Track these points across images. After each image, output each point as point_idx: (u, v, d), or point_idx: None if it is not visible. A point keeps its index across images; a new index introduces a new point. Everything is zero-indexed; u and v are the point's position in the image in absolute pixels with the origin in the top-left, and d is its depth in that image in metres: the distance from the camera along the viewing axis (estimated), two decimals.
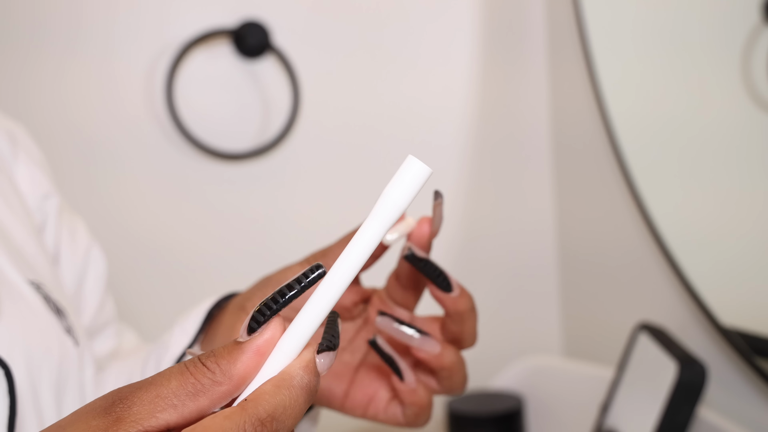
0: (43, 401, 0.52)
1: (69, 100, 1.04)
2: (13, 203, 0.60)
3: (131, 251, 1.06)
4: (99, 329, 0.70)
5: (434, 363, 0.50)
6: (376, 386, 0.54)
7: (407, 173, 0.37)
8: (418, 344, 0.49)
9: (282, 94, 1.09)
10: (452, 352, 0.50)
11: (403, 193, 0.37)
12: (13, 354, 0.50)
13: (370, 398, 0.54)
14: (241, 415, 0.33)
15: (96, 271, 0.69)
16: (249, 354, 0.35)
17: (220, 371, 0.35)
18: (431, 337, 0.50)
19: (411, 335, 0.50)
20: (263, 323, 0.36)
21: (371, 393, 0.54)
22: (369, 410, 0.54)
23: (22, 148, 0.65)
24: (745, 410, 0.83)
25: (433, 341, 0.50)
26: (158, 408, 0.34)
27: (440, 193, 0.46)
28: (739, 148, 0.84)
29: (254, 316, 0.36)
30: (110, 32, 1.04)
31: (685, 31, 0.91)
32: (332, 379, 0.54)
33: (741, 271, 0.84)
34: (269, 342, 0.36)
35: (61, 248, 0.66)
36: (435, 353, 0.50)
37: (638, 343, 0.85)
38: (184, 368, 0.35)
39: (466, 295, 0.50)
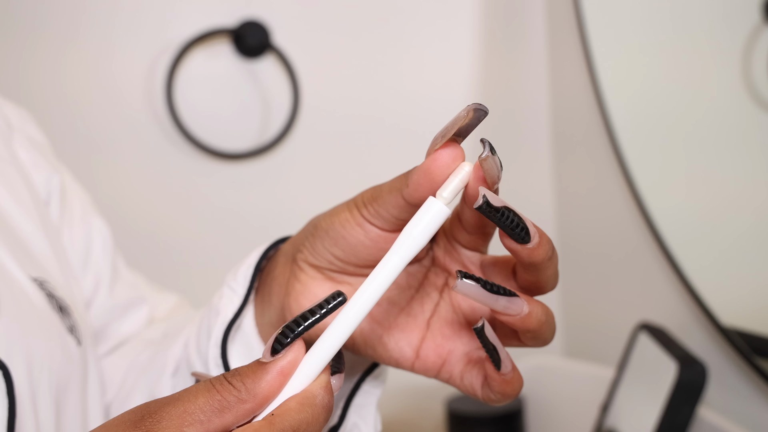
0: (41, 403, 0.51)
1: (69, 99, 1.04)
2: (21, 194, 0.59)
3: (131, 251, 1.05)
4: (128, 304, 0.68)
5: (519, 325, 0.44)
6: (451, 345, 0.49)
7: (427, 213, 0.40)
8: (503, 308, 0.43)
9: (282, 94, 1.09)
10: (539, 310, 0.44)
11: (423, 231, 0.40)
12: (13, 355, 0.49)
13: (444, 360, 0.49)
14: (269, 428, 0.36)
15: (100, 241, 0.67)
16: (273, 374, 0.37)
17: (245, 389, 0.37)
18: (518, 297, 0.43)
19: (501, 303, 0.43)
20: (286, 345, 0.38)
21: (444, 354, 0.49)
22: (442, 373, 0.49)
23: (19, 132, 0.64)
24: (745, 410, 0.83)
25: (520, 301, 0.43)
26: (185, 423, 0.35)
27: (488, 144, 0.39)
28: (739, 147, 0.84)
29: (278, 338, 0.38)
30: (110, 31, 1.04)
31: (685, 30, 0.91)
32: (401, 335, 0.49)
33: (741, 270, 0.84)
34: (292, 364, 0.38)
35: (63, 227, 0.65)
36: (522, 314, 0.43)
37: (638, 343, 0.85)
38: (211, 386, 0.37)
39: (545, 242, 0.42)
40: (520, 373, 0.46)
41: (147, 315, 0.70)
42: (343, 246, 0.46)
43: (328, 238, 0.47)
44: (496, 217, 0.40)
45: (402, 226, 0.44)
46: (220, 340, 0.51)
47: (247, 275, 0.52)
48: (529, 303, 0.43)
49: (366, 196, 0.45)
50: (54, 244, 0.61)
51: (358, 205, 0.46)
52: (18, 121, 0.66)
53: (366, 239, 0.46)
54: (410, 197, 0.42)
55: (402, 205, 0.43)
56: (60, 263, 0.60)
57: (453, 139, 0.40)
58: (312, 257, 0.48)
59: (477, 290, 0.42)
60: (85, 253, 0.66)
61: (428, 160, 0.41)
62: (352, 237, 0.46)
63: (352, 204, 0.46)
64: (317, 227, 0.48)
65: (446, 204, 0.40)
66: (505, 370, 0.44)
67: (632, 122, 0.98)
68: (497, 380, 0.45)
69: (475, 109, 0.38)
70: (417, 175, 0.41)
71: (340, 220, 0.46)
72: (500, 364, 0.44)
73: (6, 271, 0.53)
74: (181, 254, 1.09)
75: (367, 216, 0.45)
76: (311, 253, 0.48)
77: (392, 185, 0.43)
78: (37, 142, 0.66)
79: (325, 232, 0.47)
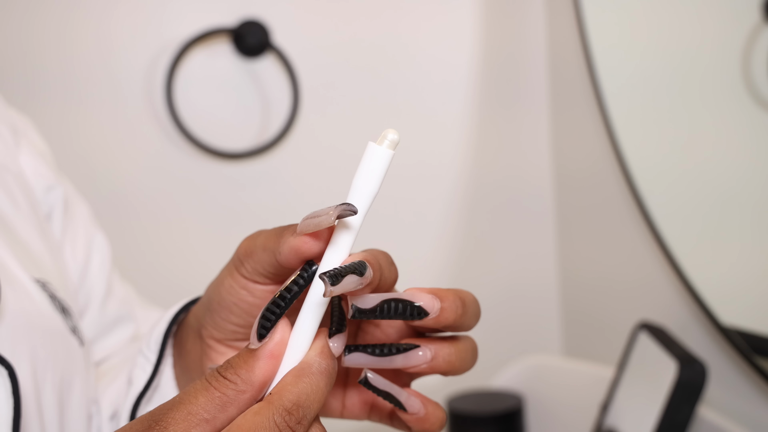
0: (45, 402, 0.51)
1: (68, 99, 1.03)
2: (18, 200, 0.60)
3: (130, 250, 1.06)
4: (116, 321, 0.69)
5: (429, 371, 0.44)
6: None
7: (371, 159, 0.39)
8: (403, 365, 0.43)
9: (282, 94, 1.09)
10: (444, 351, 0.43)
11: (373, 180, 0.39)
12: (17, 354, 0.49)
13: (370, 405, 0.50)
14: (269, 408, 0.36)
15: (99, 257, 0.68)
16: (264, 359, 0.38)
17: (241, 380, 0.37)
18: (416, 347, 0.43)
19: (398, 362, 0.42)
20: (270, 328, 0.38)
21: (371, 400, 0.50)
22: (372, 417, 0.50)
23: (24, 139, 0.64)
24: (745, 410, 0.83)
25: (420, 350, 0.43)
26: (192, 424, 0.36)
27: (326, 280, 0.37)
28: (738, 146, 0.84)
29: (261, 323, 0.38)
30: (110, 31, 1.04)
31: (684, 30, 0.91)
32: None
33: (741, 270, 0.84)
34: (280, 344, 0.38)
35: (66, 241, 0.65)
36: (426, 362, 0.43)
37: (638, 342, 0.85)
38: (207, 384, 0.37)
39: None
40: (437, 406, 0.45)
41: (132, 332, 0.70)
42: (238, 312, 0.47)
43: (221, 309, 0.47)
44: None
45: (282, 278, 0.44)
46: (129, 415, 0.52)
47: (158, 342, 0.52)
48: (434, 346, 0.43)
49: (241, 251, 0.45)
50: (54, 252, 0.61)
51: (236, 265, 0.46)
52: (22, 128, 0.66)
53: (256, 299, 0.46)
54: (283, 263, 0.42)
55: (276, 264, 0.43)
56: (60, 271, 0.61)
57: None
58: (216, 332, 0.48)
59: (366, 359, 0.42)
60: (84, 267, 0.67)
61: (298, 240, 0.40)
62: (242, 301, 0.46)
63: (231, 267, 0.46)
64: (211, 300, 0.48)
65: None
66: (413, 410, 0.44)
67: (633, 124, 0.98)
68: (412, 420, 0.45)
69: (343, 209, 0.38)
70: (287, 251, 0.41)
71: (225, 288, 0.46)
72: (403, 406, 0.44)
73: (9, 272, 0.53)
74: (180, 254, 1.09)
75: (246, 275, 0.45)
76: (214, 328, 0.48)
77: (266, 244, 0.43)
78: (40, 150, 0.66)
79: (218, 304, 0.47)
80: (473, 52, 1.15)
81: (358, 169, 0.39)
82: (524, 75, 1.17)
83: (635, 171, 0.96)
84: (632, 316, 0.97)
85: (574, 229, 1.16)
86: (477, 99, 1.16)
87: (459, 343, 0.44)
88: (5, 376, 0.46)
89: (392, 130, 0.39)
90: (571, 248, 1.17)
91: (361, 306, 0.40)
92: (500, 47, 1.16)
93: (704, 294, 0.86)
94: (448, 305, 0.41)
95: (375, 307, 0.40)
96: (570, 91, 1.12)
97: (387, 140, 0.39)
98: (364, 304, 0.40)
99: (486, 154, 1.18)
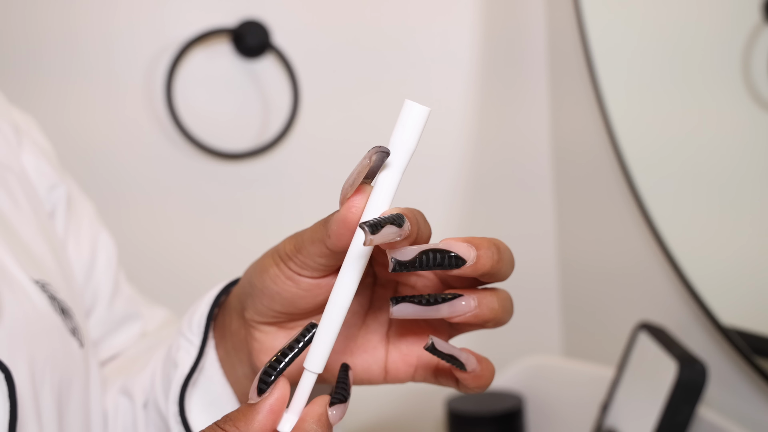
0: (44, 404, 0.51)
1: (69, 99, 1.04)
2: (20, 199, 0.59)
3: (130, 251, 1.05)
4: (124, 318, 0.69)
5: (474, 321, 0.44)
6: (417, 350, 0.49)
7: (408, 116, 0.40)
8: (449, 314, 0.43)
9: (282, 94, 1.09)
10: (488, 299, 0.44)
11: (410, 136, 0.39)
12: (15, 357, 0.49)
13: (414, 366, 0.49)
14: None
15: (105, 255, 0.68)
16: (264, 413, 0.39)
17: None
18: (460, 296, 0.43)
19: (444, 311, 0.43)
20: (271, 383, 0.39)
21: (413, 361, 0.49)
22: (416, 378, 0.49)
23: (27, 138, 0.64)
24: (745, 410, 0.83)
25: (465, 300, 0.43)
26: None
27: (366, 228, 0.38)
28: (739, 147, 0.84)
29: (261, 378, 0.39)
30: (110, 31, 1.04)
31: (684, 30, 0.91)
32: (365, 356, 0.49)
33: (741, 270, 0.84)
34: (280, 400, 0.39)
35: (69, 239, 0.65)
36: (471, 311, 0.43)
37: (638, 342, 0.85)
38: None
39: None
40: (488, 360, 0.45)
41: (140, 330, 0.70)
42: (280, 301, 0.47)
43: (264, 297, 0.47)
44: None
45: (331, 270, 0.45)
46: (177, 396, 0.52)
47: (201, 324, 0.52)
48: (477, 295, 0.43)
49: (288, 248, 0.45)
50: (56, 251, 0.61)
51: (283, 258, 0.45)
52: (25, 127, 0.66)
53: (300, 291, 0.46)
54: (334, 247, 0.42)
55: (327, 253, 0.43)
56: (62, 270, 0.60)
57: (362, 183, 0.40)
58: (258, 316, 0.49)
59: (414, 309, 0.42)
60: (89, 265, 0.66)
61: (343, 209, 0.41)
62: (286, 292, 0.46)
63: (277, 257, 0.46)
64: (253, 286, 0.48)
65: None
66: (472, 368, 0.44)
67: (633, 125, 0.98)
68: (468, 378, 0.45)
69: (377, 152, 0.38)
70: (336, 226, 0.41)
71: (270, 276, 0.46)
72: (464, 366, 0.44)
73: (8, 273, 0.53)
74: (180, 254, 1.09)
75: (295, 269, 0.45)
76: (256, 312, 0.48)
77: (313, 236, 0.43)
78: (43, 149, 0.66)
79: (261, 291, 0.47)
80: (473, 45, 1.15)
81: (396, 126, 0.39)
82: (524, 57, 1.17)
83: (635, 171, 0.96)
84: (632, 316, 0.97)
85: (574, 228, 1.16)
86: (477, 99, 1.16)
87: (499, 292, 0.45)
88: (2, 380, 0.46)
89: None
90: (571, 249, 1.17)
91: (400, 258, 0.40)
92: (499, 32, 1.16)
93: (704, 294, 0.86)
94: (484, 252, 0.41)
95: (414, 259, 0.40)
96: (569, 85, 1.12)
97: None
98: (403, 257, 0.40)
99: (486, 144, 1.18)
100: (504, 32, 1.16)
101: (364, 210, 0.40)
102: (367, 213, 0.40)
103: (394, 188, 0.40)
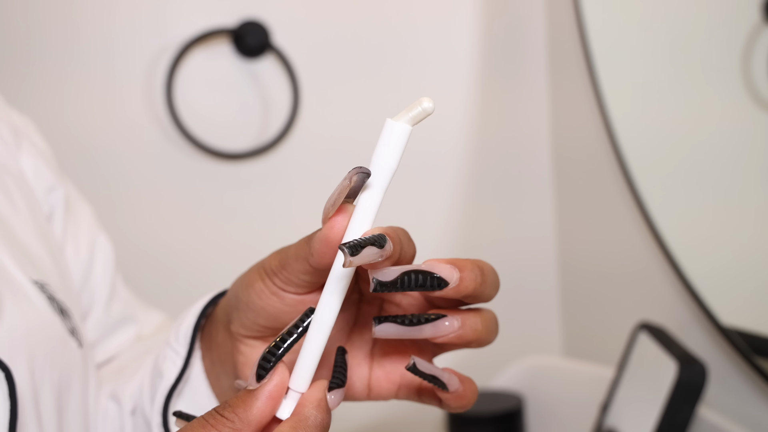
0: (43, 404, 0.51)
1: (69, 99, 1.04)
2: (18, 201, 0.59)
3: (130, 252, 1.06)
4: (120, 321, 0.69)
5: (457, 341, 0.44)
6: (402, 369, 0.49)
7: (390, 136, 0.39)
8: (432, 335, 0.43)
9: (282, 94, 1.09)
10: (471, 320, 0.43)
11: (391, 156, 0.39)
12: (15, 356, 0.49)
13: (398, 384, 0.49)
14: None
15: (103, 258, 0.68)
16: (263, 399, 0.39)
17: (238, 419, 0.38)
18: (444, 317, 0.43)
19: (427, 332, 0.43)
20: (270, 369, 0.39)
21: (396, 379, 0.49)
22: (399, 396, 0.50)
23: (25, 140, 0.64)
24: (745, 410, 0.83)
25: (448, 320, 0.43)
26: None
27: (345, 251, 0.38)
28: (739, 148, 0.84)
29: (260, 364, 0.39)
30: (110, 31, 1.04)
31: (685, 30, 0.91)
32: (350, 372, 0.50)
33: (741, 270, 0.84)
34: (279, 386, 0.39)
35: (67, 241, 0.65)
36: (454, 332, 0.43)
37: (638, 342, 0.85)
38: (205, 422, 0.38)
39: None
40: (471, 380, 0.45)
41: (135, 333, 0.70)
42: (265, 316, 0.47)
43: (249, 311, 0.47)
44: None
45: (315, 287, 0.45)
46: (161, 407, 0.52)
47: (187, 335, 0.53)
48: (461, 316, 0.43)
49: (274, 264, 0.45)
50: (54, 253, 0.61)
51: (268, 273, 0.46)
52: (23, 129, 0.66)
53: (285, 306, 0.46)
54: (317, 265, 0.42)
55: (311, 271, 0.43)
56: (60, 271, 0.60)
57: (344, 202, 0.40)
58: (243, 329, 0.49)
59: (396, 329, 0.42)
60: (87, 268, 0.67)
61: (325, 228, 0.41)
62: (271, 307, 0.46)
63: (263, 272, 0.46)
64: (239, 300, 0.48)
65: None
66: (454, 388, 0.44)
67: (633, 126, 0.98)
68: (451, 398, 0.45)
69: (357, 173, 0.38)
70: (318, 245, 0.41)
71: (255, 291, 0.46)
72: (446, 386, 0.44)
73: (7, 274, 0.53)
74: (180, 254, 1.09)
75: (279, 285, 0.45)
76: (241, 326, 0.49)
77: (297, 252, 0.43)
78: (42, 151, 0.66)
79: (246, 305, 0.47)
80: (473, 45, 1.15)
81: (377, 146, 0.39)
82: (524, 52, 1.17)
83: (635, 171, 0.96)
84: (632, 316, 0.97)
85: (574, 228, 1.16)
86: (477, 96, 1.16)
87: (483, 313, 0.45)
88: (2, 379, 0.46)
89: (427, 98, 0.38)
90: (571, 249, 1.17)
91: (381, 279, 0.40)
92: (499, 27, 1.16)
93: (704, 294, 0.86)
94: (467, 275, 0.41)
95: (396, 280, 0.40)
96: (569, 82, 1.12)
97: (421, 107, 0.38)
98: (384, 277, 0.40)
99: (486, 139, 1.18)
100: (503, 27, 1.16)
101: (347, 229, 0.40)
102: (349, 233, 0.40)
103: (375, 207, 0.39)
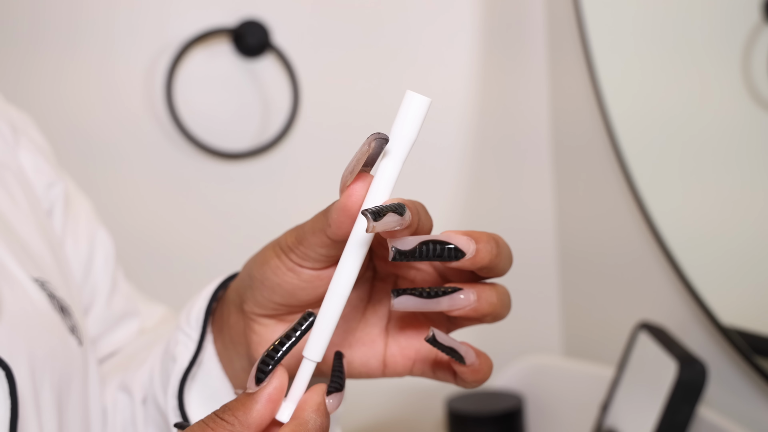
0: (44, 402, 0.51)
1: (68, 99, 1.04)
2: (18, 198, 0.59)
3: (130, 250, 1.05)
4: (122, 315, 0.69)
5: (473, 315, 0.44)
6: (416, 344, 0.49)
7: (409, 107, 0.40)
8: (449, 307, 0.43)
9: (282, 94, 1.09)
10: (487, 294, 0.43)
11: (411, 125, 0.40)
12: (15, 354, 0.49)
13: (413, 360, 0.49)
14: None
15: (103, 252, 0.68)
16: (262, 402, 0.39)
17: (238, 422, 0.38)
18: (460, 290, 0.43)
19: (444, 304, 0.43)
20: (269, 372, 0.39)
21: (412, 354, 0.49)
22: (414, 372, 0.49)
23: (24, 136, 0.64)
24: (745, 410, 0.83)
25: (464, 293, 0.43)
26: None
27: (368, 215, 0.38)
28: (739, 147, 0.84)
29: (259, 367, 0.39)
30: (110, 31, 1.04)
31: (685, 30, 0.91)
32: (363, 349, 0.49)
33: (741, 270, 0.84)
34: (278, 389, 0.39)
35: (67, 236, 0.65)
36: (471, 305, 0.43)
37: (638, 342, 0.85)
38: (205, 425, 0.38)
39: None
40: (486, 355, 0.45)
41: (138, 327, 0.70)
42: (281, 293, 0.47)
43: (264, 288, 0.47)
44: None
45: (332, 261, 0.45)
46: (176, 390, 0.52)
47: (199, 319, 0.52)
48: (476, 289, 0.43)
49: (290, 240, 0.45)
50: (54, 249, 0.61)
51: (284, 249, 0.46)
52: (22, 125, 0.66)
53: (301, 282, 0.46)
54: (335, 236, 0.42)
55: (328, 243, 0.43)
56: (60, 268, 0.60)
57: (362, 171, 0.41)
58: (257, 308, 0.49)
59: (414, 301, 0.42)
60: (87, 263, 0.66)
61: (343, 197, 0.41)
62: (287, 283, 0.46)
63: (278, 249, 0.46)
64: (253, 278, 0.48)
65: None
66: (470, 361, 0.44)
67: (633, 124, 0.98)
68: (467, 372, 0.45)
69: (376, 139, 0.39)
70: (336, 214, 0.41)
71: (271, 268, 0.46)
72: (463, 359, 0.44)
73: (7, 271, 0.53)
74: (180, 253, 1.09)
75: (296, 260, 0.45)
76: (255, 304, 0.48)
77: (314, 226, 0.43)
78: (40, 147, 0.66)
79: (261, 282, 0.47)
80: (473, 47, 1.15)
81: (396, 117, 0.40)
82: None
83: (635, 171, 0.96)
84: (632, 316, 0.97)
85: (574, 228, 1.16)
86: (478, 81, 1.16)
87: (498, 287, 0.45)
88: (2, 377, 0.46)
89: None
90: (571, 249, 1.17)
91: (400, 247, 0.40)
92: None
93: (704, 294, 0.86)
94: (483, 246, 0.41)
95: (414, 249, 0.40)
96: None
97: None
98: (403, 246, 0.40)
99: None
100: (503, 11, 1.16)
101: (365, 198, 0.40)
102: (368, 201, 0.40)
103: (394, 177, 0.40)
